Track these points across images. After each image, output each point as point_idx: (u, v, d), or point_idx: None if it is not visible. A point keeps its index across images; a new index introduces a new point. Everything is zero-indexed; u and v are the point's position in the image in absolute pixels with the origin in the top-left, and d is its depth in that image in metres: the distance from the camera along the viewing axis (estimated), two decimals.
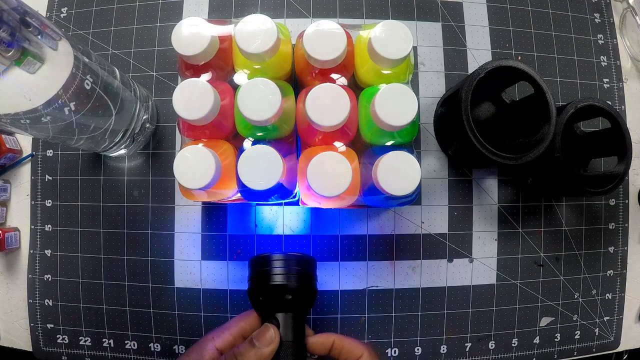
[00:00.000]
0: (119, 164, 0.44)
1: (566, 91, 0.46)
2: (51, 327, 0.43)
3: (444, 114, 0.43)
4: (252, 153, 0.30)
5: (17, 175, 0.44)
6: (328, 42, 0.30)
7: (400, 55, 0.30)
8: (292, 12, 0.45)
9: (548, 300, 0.44)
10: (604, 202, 0.46)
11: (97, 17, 0.45)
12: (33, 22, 0.26)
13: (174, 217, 0.43)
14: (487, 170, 0.45)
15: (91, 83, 0.30)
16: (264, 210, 0.43)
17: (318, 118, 0.29)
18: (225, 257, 0.43)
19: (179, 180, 0.29)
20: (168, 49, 0.44)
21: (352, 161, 0.31)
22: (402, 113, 0.30)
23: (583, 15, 0.48)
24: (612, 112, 0.38)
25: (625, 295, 0.46)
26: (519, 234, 0.45)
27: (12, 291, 0.44)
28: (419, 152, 0.44)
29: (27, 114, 0.27)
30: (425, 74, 0.45)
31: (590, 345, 0.45)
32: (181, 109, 0.30)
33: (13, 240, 0.43)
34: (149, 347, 0.42)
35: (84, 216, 0.43)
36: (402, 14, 0.46)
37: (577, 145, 0.43)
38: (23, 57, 0.25)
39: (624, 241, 0.46)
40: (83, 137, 0.34)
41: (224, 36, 0.33)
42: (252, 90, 0.29)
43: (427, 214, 0.44)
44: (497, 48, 0.46)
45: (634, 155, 0.44)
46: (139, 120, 0.40)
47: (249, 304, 0.42)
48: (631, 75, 0.48)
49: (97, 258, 0.43)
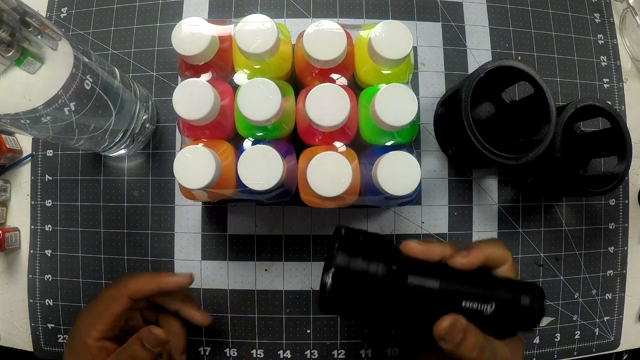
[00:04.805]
0: (119, 164, 0.44)
1: (566, 91, 0.46)
2: (52, 326, 0.43)
3: (444, 114, 0.43)
4: (252, 153, 0.30)
5: (17, 175, 0.44)
6: (328, 42, 0.30)
7: (400, 55, 0.30)
8: (292, 12, 0.45)
9: (548, 300, 0.44)
10: (604, 202, 0.46)
11: (97, 17, 0.45)
12: (33, 22, 0.26)
13: (174, 217, 0.43)
14: (487, 170, 0.45)
15: (91, 83, 0.30)
16: (264, 210, 0.43)
17: (318, 118, 0.29)
18: (225, 257, 0.43)
19: (179, 180, 0.29)
20: (168, 49, 0.44)
21: (352, 161, 0.31)
22: (402, 113, 0.30)
23: (583, 15, 0.48)
24: (612, 112, 0.38)
25: (625, 295, 0.46)
26: (519, 234, 0.45)
27: (12, 291, 0.44)
28: (419, 152, 0.44)
29: (27, 114, 0.27)
30: (425, 74, 0.45)
31: (590, 345, 0.45)
32: (181, 109, 0.30)
33: (13, 240, 0.43)
34: None
35: (84, 216, 0.43)
36: (402, 14, 0.46)
37: (577, 145, 0.42)
38: (23, 57, 0.25)
39: (624, 241, 0.46)
40: (83, 137, 0.34)
41: (224, 36, 0.33)
42: (252, 90, 0.29)
43: (427, 214, 0.44)
44: (497, 48, 0.46)
45: (634, 155, 0.44)
46: (139, 120, 0.40)
47: (249, 304, 0.42)
48: (631, 75, 0.48)
49: (98, 258, 0.43)
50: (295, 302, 0.42)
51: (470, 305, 0.27)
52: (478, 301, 0.27)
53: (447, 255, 0.28)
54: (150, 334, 0.33)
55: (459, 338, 0.26)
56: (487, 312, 0.27)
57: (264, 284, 0.43)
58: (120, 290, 0.34)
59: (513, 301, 0.27)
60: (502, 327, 0.28)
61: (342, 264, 0.26)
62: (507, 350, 0.29)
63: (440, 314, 0.27)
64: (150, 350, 0.33)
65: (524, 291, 0.28)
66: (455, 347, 0.26)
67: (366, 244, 0.28)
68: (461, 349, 0.26)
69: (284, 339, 0.42)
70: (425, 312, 0.28)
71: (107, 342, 0.33)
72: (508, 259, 0.30)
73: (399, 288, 0.27)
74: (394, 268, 0.27)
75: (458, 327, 0.26)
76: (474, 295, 0.27)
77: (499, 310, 0.27)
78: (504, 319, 0.27)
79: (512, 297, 0.27)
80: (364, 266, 0.27)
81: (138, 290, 0.34)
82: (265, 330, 0.42)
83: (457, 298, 0.27)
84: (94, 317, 0.34)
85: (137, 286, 0.34)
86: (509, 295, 0.27)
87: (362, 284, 0.27)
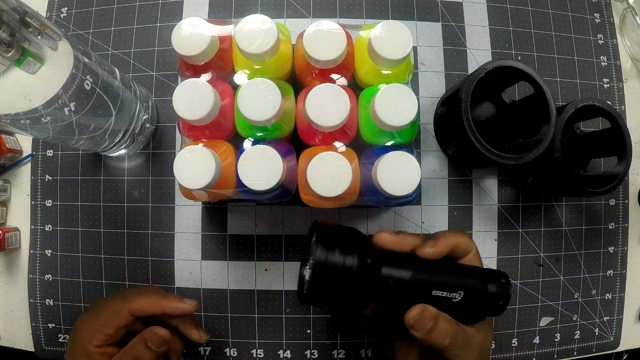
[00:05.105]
0: (119, 164, 0.44)
1: (566, 91, 0.46)
2: (52, 326, 0.43)
3: (444, 114, 0.43)
4: (252, 153, 0.30)
5: (17, 175, 0.44)
6: (328, 42, 0.30)
7: (400, 55, 0.30)
8: (292, 12, 0.45)
9: (548, 300, 0.44)
10: (604, 202, 0.46)
11: (97, 17, 0.45)
12: (33, 22, 0.26)
13: (174, 217, 0.43)
14: (487, 170, 0.45)
15: (91, 83, 0.30)
16: (264, 210, 0.43)
17: (318, 118, 0.29)
18: (225, 257, 0.43)
19: (179, 180, 0.29)
20: (168, 49, 0.44)
21: (352, 161, 0.31)
22: (402, 113, 0.30)
23: (583, 15, 0.48)
24: (612, 112, 0.38)
25: (625, 295, 0.46)
26: (519, 234, 0.45)
27: (12, 291, 0.44)
28: (419, 152, 0.44)
29: (27, 114, 0.27)
30: (425, 74, 0.45)
31: (590, 345, 0.45)
32: (181, 109, 0.30)
33: (13, 240, 0.43)
34: None
35: (84, 216, 0.43)
36: (402, 14, 0.46)
37: (577, 145, 0.42)
38: (23, 57, 0.25)
39: (624, 241, 0.46)
40: (83, 137, 0.34)
41: (224, 36, 0.33)
42: (252, 90, 0.29)
43: (427, 214, 0.44)
44: (497, 48, 0.46)
45: (634, 155, 0.44)
46: (139, 120, 0.40)
47: (249, 304, 0.42)
48: (631, 75, 0.48)
49: (98, 258, 0.43)
50: (295, 302, 0.43)
51: (440, 293, 0.28)
52: (447, 290, 0.29)
53: (417, 245, 0.30)
54: (154, 335, 0.33)
55: (429, 326, 0.28)
56: (456, 300, 0.29)
57: (264, 284, 0.43)
58: (125, 305, 0.34)
59: (480, 288, 0.29)
60: (471, 313, 0.30)
61: (319, 258, 0.27)
62: (478, 335, 0.30)
63: (413, 303, 0.28)
64: (154, 350, 0.33)
65: (491, 279, 0.29)
66: (426, 334, 0.28)
67: (342, 238, 0.29)
68: (432, 336, 0.27)
69: (284, 339, 0.42)
70: (399, 302, 0.29)
71: (108, 347, 0.34)
72: (472, 248, 0.31)
73: (374, 279, 0.28)
74: (368, 261, 0.28)
75: (427, 315, 0.28)
76: (443, 285, 0.29)
77: (467, 298, 0.29)
78: (473, 306, 0.29)
79: (479, 284, 0.29)
80: (340, 260, 0.28)
81: (142, 310, 0.34)
82: (265, 330, 0.42)
83: (428, 287, 0.28)
84: (96, 326, 0.34)
85: (142, 306, 0.34)
86: (476, 283, 0.29)
87: (339, 277, 0.28)
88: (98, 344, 0.33)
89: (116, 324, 0.33)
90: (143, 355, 0.33)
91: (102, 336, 0.33)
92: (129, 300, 0.34)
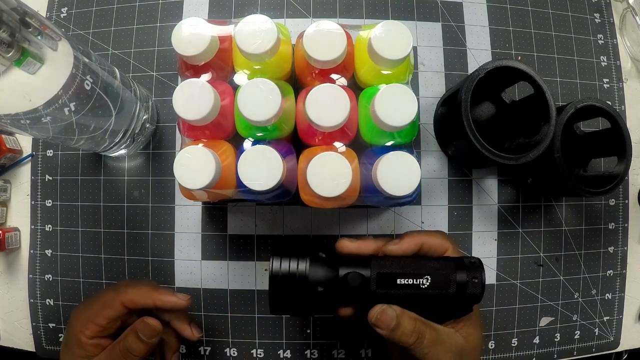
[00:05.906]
0: (119, 164, 0.44)
1: (566, 91, 0.46)
2: (53, 326, 0.43)
3: (444, 114, 0.43)
4: (252, 153, 0.30)
5: (17, 175, 0.44)
6: (328, 43, 0.30)
7: (400, 55, 0.30)
8: (292, 12, 0.45)
9: (548, 300, 0.44)
10: (604, 202, 0.46)
11: (97, 17, 0.45)
12: (33, 22, 0.26)
13: (174, 217, 0.43)
14: (487, 170, 0.45)
15: (91, 83, 0.30)
16: (264, 210, 0.43)
17: (318, 118, 0.29)
18: (225, 257, 0.43)
19: (179, 180, 0.29)
20: (168, 49, 0.44)
21: (352, 161, 0.31)
22: (402, 113, 0.30)
23: (583, 15, 0.48)
24: (612, 112, 0.38)
25: (625, 295, 0.46)
26: (519, 234, 0.45)
27: (12, 291, 0.44)
28: (419, 152, 0.44)
29: (27, 114, 0.27)
30: (425, 74, 0.45)
31: (590, 345, 0.45)
32: (181, 109, 0.30)
33: (13, 240, 0.43)
34: None
35: (84, 216, 0.43)
36: (402, 14, 0.46)
37: (577, 146, 0.43)
38: (23, 57, 0.25)
39: (623, 241, 0.46)
40: (83, 137, 0.34)
41: (224, 36, 0.33)
42: (252, 90, 0.29)
43: (427, 214, 0.44)
44: (497, 48, 0.46)
45: (634, 155, 0.44)
46: (139, 120, 0.40)
47: (249, 304, 0.42)
48: (631, 75, 0.48)
49: (98, 258, 0.43)
50: None
51: (405, 281, 0.28)
52: (412, 277, 0.28)
53: (380, 246, 0.30)
54: (146, 325, 0.33)
55: (392, 324, 0.28)
56: (424, 286, 0.28)
57: (264, 284, 0.43)
58: (117, 296, 0.34)
59: (447, 272, 0.29)
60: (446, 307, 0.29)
61: (273, 271, 0.29)
62: (458, 336, 0.30)
63: (380, 299, 0.29)
64: (145, 342, 0.33)
65: (461, 265, 0.29)
66: (390, 332, 0.28)
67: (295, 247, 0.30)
68: (397, 334, 0.28)
69: (284, 339, 0.42)
70: (364, 300, 0.29)
71: (102, 339, 0.34)
72: (448, 248, 0.31)
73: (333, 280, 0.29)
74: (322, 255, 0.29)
75: (390, 313, 0.28)
76: (406, 273, 0.29)
77: (435, 283, 0.28)
78: (444, 295, 0.29)
79: (445, 268, 0.29)
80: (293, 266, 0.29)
81: (134, 301, 0.34)
82: (265, 330, 0.42)
83: (391, 278, 0.29)
84: (88, 317, 0.34)
85: (133, 297, 0.34)
86: (441, 267, 0.29)
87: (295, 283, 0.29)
88: (90, 335, 0.33)
89: (108, 315, 0.33)
90: (135, 346, 0.32)
91: (93, 327, 0.33)
92: (121, 292, 0.34)
